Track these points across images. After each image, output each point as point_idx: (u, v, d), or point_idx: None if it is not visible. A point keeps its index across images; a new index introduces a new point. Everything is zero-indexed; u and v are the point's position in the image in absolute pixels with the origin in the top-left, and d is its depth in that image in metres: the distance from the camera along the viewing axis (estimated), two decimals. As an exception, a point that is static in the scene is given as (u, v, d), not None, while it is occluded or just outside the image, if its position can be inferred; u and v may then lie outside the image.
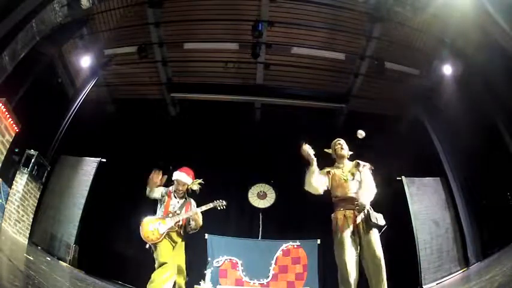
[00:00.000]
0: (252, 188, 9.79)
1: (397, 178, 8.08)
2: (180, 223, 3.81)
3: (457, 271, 6.99)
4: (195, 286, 7.11)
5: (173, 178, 4.01)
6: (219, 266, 8.29)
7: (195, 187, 4.03)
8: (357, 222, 3.11)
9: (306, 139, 3.31)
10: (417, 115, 8.72)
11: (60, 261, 6.77)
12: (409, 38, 7.85)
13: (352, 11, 7.72)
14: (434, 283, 6.94)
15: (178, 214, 3.81)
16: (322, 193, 3.37)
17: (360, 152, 3.76)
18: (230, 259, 8.45)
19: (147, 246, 3.69)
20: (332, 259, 3.18)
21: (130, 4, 7.67)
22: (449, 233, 7.46)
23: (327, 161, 3.61)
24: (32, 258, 4.60)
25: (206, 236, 8.39)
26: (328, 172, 3.46)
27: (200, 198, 4.11)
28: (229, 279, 8.25)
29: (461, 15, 5.92)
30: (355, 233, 3.11)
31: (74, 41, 7.56)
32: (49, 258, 6.20)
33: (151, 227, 3.67)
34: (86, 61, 7.93)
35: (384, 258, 3.03)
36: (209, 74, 9.48)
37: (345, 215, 3.19)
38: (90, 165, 8.11)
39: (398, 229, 7.92)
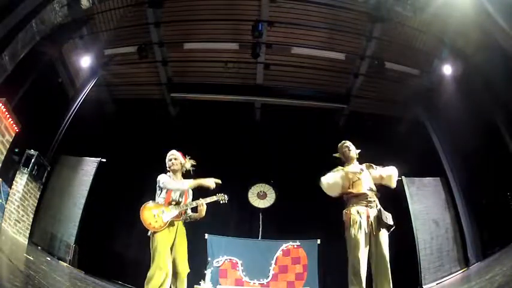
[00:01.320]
0: (252, 188, 9.79)
1: (397, 178, 8.07)
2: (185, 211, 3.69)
3: (457, 271, 6.99)
4: (195, 286, 7.11)
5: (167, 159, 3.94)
6: (219, 266, 8.29)
7: (188, 165, 3.94)
8: (370, 218, 3.21)
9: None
10: (417, 115, 8.72)
11: (60, 261, 6.76)
12: (409, 38, 7.85)
13: (352, 11, 7.72)
14: (434, 283, 6.94)
15: (180, 202, 3.66)
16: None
17: (360, 152, 3.77)
18: (230, 259, 8.46)
19: (149, 233, 3.51)
20: (332, 259, 3.21)
21: (130, 4, 7.66)
22: (449, 233, 7.46)
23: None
24: (32, 258, 4.60)
25: (206, 236, 8.39)
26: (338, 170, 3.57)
27: (200, 197, 4.10)
28: (229, 279, 8.25)
29: (461, 15, 5.92)
30: (367, 229, 3.18)
31: (74, 41, 7.56)
32: (49, 258, 6.20)
33: (154, 213, 3.52)
34: (86, 61, 7.93)
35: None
36: (209, 74, 9.48)
37: (358, 211, 3.26)
38: (90, 165, 8.10)
39: (398, 229, 7.94)
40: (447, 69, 7.49)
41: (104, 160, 8.18)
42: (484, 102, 6.67)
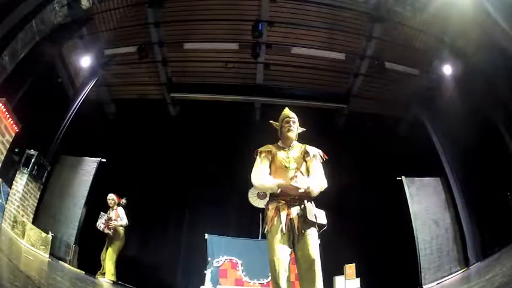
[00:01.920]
0: (252, 188, 9.78)
1: (397, 178, 8.08)
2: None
3: (457, 271, 6.99)
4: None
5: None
6: (219, 266, 8.27)
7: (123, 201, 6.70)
8: (291, 216, 2.68)
9: None
10: (417, 115, 8.71)
11: (60, 261, 6.76)
12: (409, 38, 7.85)
13: (352, 11, 7.72)
14: (434, 283, 6.94)
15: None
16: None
17: (359, 152, 3.77)
18: (230, 259, 8.44)
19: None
20: (332, 259, 3.12)
21: (131, 4, 7.66)
22: (449, 233, 7.46)
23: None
24: (32, 258, 4.60)
25: (206, 236, 8.38)
26: (269, 152, 3.01)
27: (201, 197, 4.11)
28: (229, 279, 8.23)
29: (461, 15, 5.92)
30: (288, 229, 2.65)
31: (74, 41, 7.56)
32: (49, 258, 6.20)
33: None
34: (86, 61, 7.92)
35: (383, 258, 2.98)
36: (209, 74, 9.48)
37: (277, 207, 2.73)
38: (90, 165, 8.09)
39: (398, 229, 7.94)
40: (447, 69, 7.49)
41: (104, 160, 8.18)
42: (484, 102, 6.67)
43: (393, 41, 8.10)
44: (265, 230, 2.76)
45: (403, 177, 8.02)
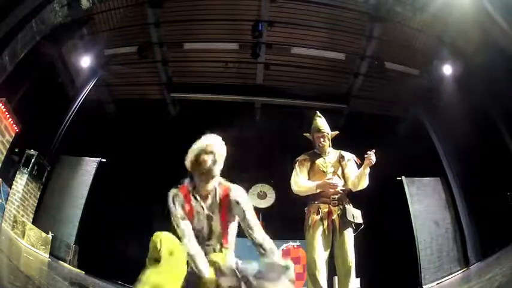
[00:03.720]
0: (252, 188, 9.78)
1: (397, 178, 8.07)
2: None
3: (457, 271, 7.00)
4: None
5: None
6: (219, 266, 8.29)
7: None
8: (332, 217, 2.86)
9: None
10: (417, 115, 8.72)
11: (60, 261, 6.77)
12: (409, 38, 7.85)
13: (352, 11, 7.72)
14: (434, 283, 6.95)
15: None
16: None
17: (359, 153, 3.75)
18: (230, 259, 8.45)
19: None
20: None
21: (131, 4, 7.67)
22: (449, 233, 7.47)
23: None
24: (32, 258, 4.60)
25: (206, 236, 8.39)
26: (307, 160, 3.20)
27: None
28: (229, 279, 8.25)
29: (461, 15, 5.92)
30: (328, 230, 2.85)
31: (74, 41, 7.56)
32: (49, 258, 6.21)
33: None
34: (86, 61, 7.92)
35: (383, 258, 3.00)
36: (209, 74, 9.48)
37: (318, 209, 2.92)
38: (90, 165, 8.11)
39: (398, 229, 7.94)
40: (447, 69, 7.49)
41: (104, 160, 8.18)
42: (484, 102, 6.68)
43: (393, 41, 8.10)
44: (306, 231, 2.96)
45: (403, 177, 8.03)
